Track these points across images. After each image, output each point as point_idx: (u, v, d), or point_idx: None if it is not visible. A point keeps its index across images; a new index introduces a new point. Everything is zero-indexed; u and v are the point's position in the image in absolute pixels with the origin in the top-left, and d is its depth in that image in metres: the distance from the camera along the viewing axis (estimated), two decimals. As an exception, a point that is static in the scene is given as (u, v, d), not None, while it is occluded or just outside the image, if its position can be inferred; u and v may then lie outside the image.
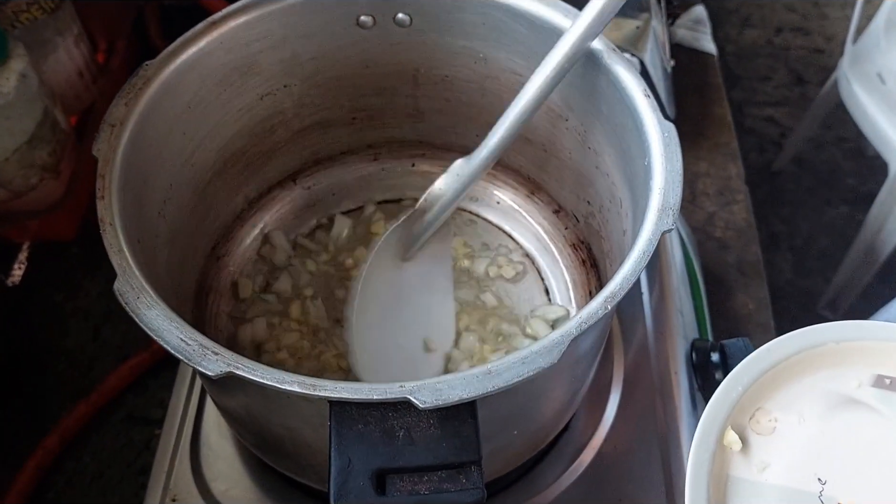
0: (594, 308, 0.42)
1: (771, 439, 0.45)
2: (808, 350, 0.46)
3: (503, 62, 0.61)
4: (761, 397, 0.46)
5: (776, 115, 1.78)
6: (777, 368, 0.45)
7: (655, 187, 0.47)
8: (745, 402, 0.45)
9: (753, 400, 0.45)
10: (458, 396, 0.39)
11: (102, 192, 0.48)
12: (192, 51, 0.55)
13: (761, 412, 0.45)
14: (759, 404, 0.46)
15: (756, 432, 0.45)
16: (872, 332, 0.46)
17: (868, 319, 0.64)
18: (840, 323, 0.46)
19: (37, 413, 0.75)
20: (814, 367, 0.46)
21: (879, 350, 0.46)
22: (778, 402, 0.46)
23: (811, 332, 0.46)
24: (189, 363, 0.41)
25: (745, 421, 0.45)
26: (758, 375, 0.45)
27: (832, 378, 0.46)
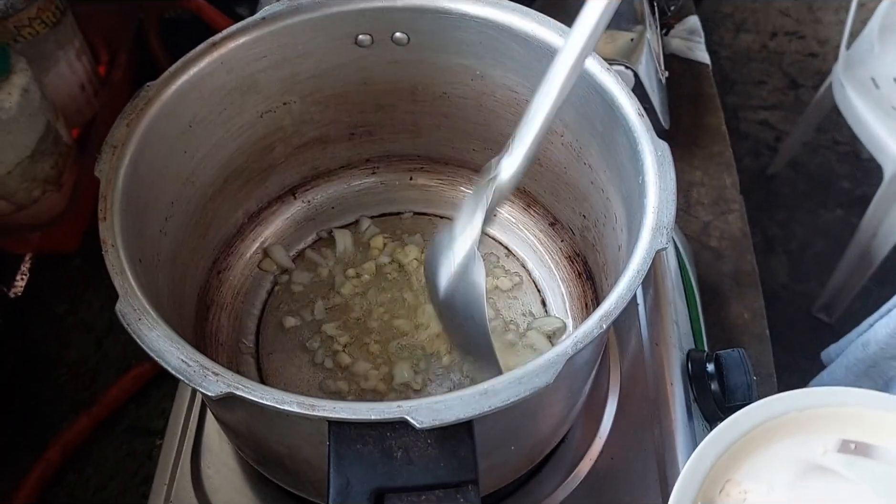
0: (589, 327, 0.43)
1: None
2: (773, 419, 0.46)
3: (499, 79, 0.62)
4: (730, 469, 0.46)
5: (771, 119, 1.79)
6: (744, 439, 0.46)
7: (649, 206, 0.48)
8: (714, 475, 0.45)
9: (722, 472, 0.46)
10: (454, 416, 0.40)
11: (105, 213, 0.48)
12: (193, 71, 0.55)
13: (731, 483, 0.46)
14: (729, 476, 0.46)
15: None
16: (834, 398, 0.47)
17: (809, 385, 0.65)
18: (802, 391, 0.47)
19: (38, 425, 0.75)
20: (780, 436, 0.47)
21: (842, 415, 0.47)
22: (747, 472, 0.46)
23: (775, 401, 0.47)
24: (190, 384, 0.42)
25: (714, 494, 0.46)
26: (726, 448, 0.46)
27: (798, 445, 0.47)
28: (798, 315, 1.52)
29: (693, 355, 0.68)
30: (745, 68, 1.86)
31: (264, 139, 0.64)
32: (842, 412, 0.47)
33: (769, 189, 1.70)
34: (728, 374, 0.63)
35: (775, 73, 1.87)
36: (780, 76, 1.86)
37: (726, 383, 0.63)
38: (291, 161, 0.68)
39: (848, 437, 0.46)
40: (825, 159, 1.74)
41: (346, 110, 0.66)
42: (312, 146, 0.68)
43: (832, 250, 1.59)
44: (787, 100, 1.82)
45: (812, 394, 0.47)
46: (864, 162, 1.72)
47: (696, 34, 1.04)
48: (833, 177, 1.72)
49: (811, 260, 1.60)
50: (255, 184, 0.66)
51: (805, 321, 1.51)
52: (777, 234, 1.63)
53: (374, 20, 0.60)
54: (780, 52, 1.90)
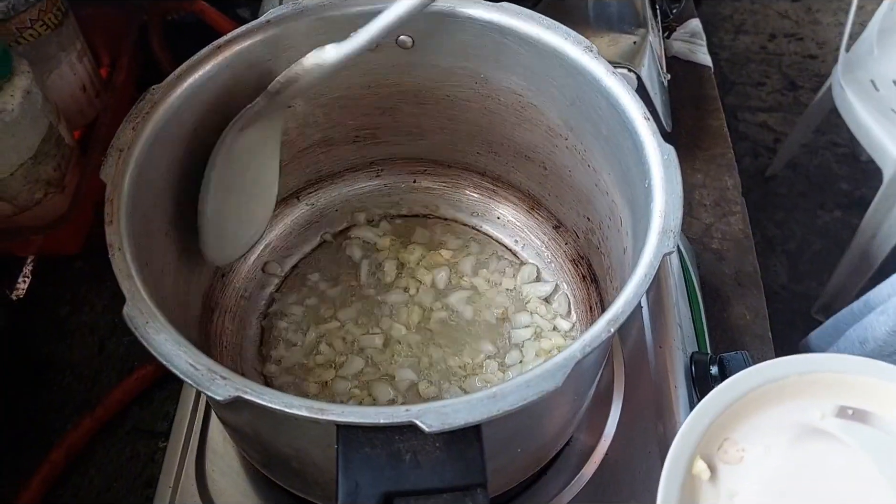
0: (597, 331, 0.43)
1: (739, 468, 0.46)
2: (773, 382, 0.47)
3: (503, 82, 0.62)
4: (728, 428, 0.47)
5: (770, 121, 1.80)
6: (744, 400, 0.47)
7: (656, 210, 0.48)
8: (713, 432, 0.46)
9: (721, 430, 0.47)
10: (463, 420, 0.40)
11: (111, 216, 0.48)
12: (198, 74, 0.55)
13: (729, 442, 0.46)
14: (727, 434, 0.47)
15: (724, 462, 0.46)
16: (834, 364, 0.48)
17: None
18: (803, 356, 0.48)
19: (42, 427, 0.75)
20: (779, 399, 0.47)
21: (841, 382, 0.47)
22: (745, 432, 0.47)
23: (775, 364, 0.48)
24: (198, 387, 0.42)
25: (713, 451, 0.46)
26: (725, 406, 0.46)
27: (797, 409, 0.47)
28: (797, 316, 1.52)
29: (696, 358, 0.68)
30: (744, 70, 1.87)
31: (269, 142, 0.64)
32: (841, 379, 0.47)
33: (768, 190, 1.70)
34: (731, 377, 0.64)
35: (774, 75, 1.87)
36: (779, 78, 1.87)
37: (730, 386, 0.63)
38: (295, 164, 0.68)
39: (846, 404, 0.47)
40: (824, 161, 1.75)
41: (350, 113, 0.66)
42: (316, 149, 0.68)
43: (831, 251, 1.60)
44: (785, 101, 1.83)
45: (812, 359, 0.48)
46: (862, 164, 1.73)
47: (698, 37, 1.05)
48: (832, 178, 1.72)
49: (810, 261, 1.61)
50: (259, 187, 0.66)
51: (804, 322, 1.51)
52: (776, 234, 1.64)
53: (379, 23, 0.60)
54: (778, 54, 1.91)
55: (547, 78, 0.59)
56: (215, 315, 0.64)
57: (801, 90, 1.85)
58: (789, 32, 1.96)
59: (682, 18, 1.06)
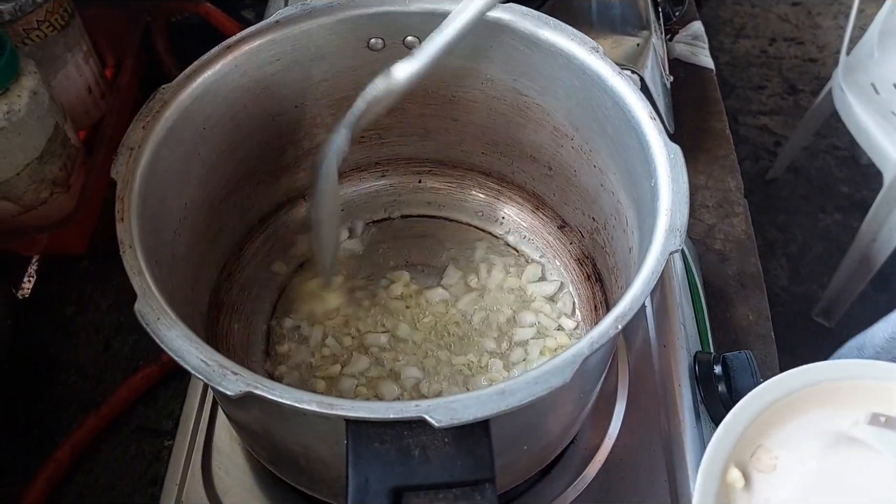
0: (605, 328, 0.44)
1: (772, 476, 0.46)
2: (805, 389, 0.47)
3: (509, 83, 0.63)
4: (761, 435, 0.47)
5: (770, 124, 1.81)
6: (775, 406, 0.47)
7: (662, 208, 0.49)
8: (746, 439, 0.46)
9: (754, 438, 0.47)
10: (472, 415, 0.40)
11: (122, 214, 0.49)
12: (207, 74, 0.56)
13: (762, 450, 0.46)
14: (760, 442, 0.47)
15: (758, 470, 0.46)
16: (866, 370, 0.48)
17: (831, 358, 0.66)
18: (835, 362, 0.48)
19: (47, 426, 0.75)
20: (811, 406, 0.47)
21: (873, 389, 0.47)
22: (778, 439, 0.47)
23: (807, 371, 0.48)
24: (209, 383, 0.42)
25: (746, 458, 0.46)
26: (758, 413, 0.46)
27: (829, 417, 0.47)
28: (798, 318, 1.53)
29: (700, 357, 0.69)
30: (744, 73, 1.88)
31: (276, 142, 0.65)
32: (872, 386, 0.47)
33: (769, 193, 1.71)
34: (735, 376, 0.64)
35: (775, 79, 1.88)
36: (780, 81, 1.88)
37: (733, 385, 0.64)
38: (302, 164, 0.69)
39: (879, 411, 0.47)
40: (824, 164, 1.75)
41: (357, 113, 0.67)
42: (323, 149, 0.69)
43: (831, 254, 1.60)
44: (786, 105, 1.83)
45: (844, 366, 0.48)
46: (863, 167, 1.73)
47: (700, 39, 1.05)
48: (832, 181, 1.73)
49: (811, 263, 1.62)
50: (266, 186, 0.67)
51: (805, 325, 1.52)
52: (777, 237, 1.64)
53: (386, 24, 0.60)
54: (779, 58, 1.91)
55: (553, 78, 0.60)
56: (222, 313, 0.65)
57: (802, 94, 1.86)
58: (789, 36, 1.97)
59: (685, 21, 1.07)
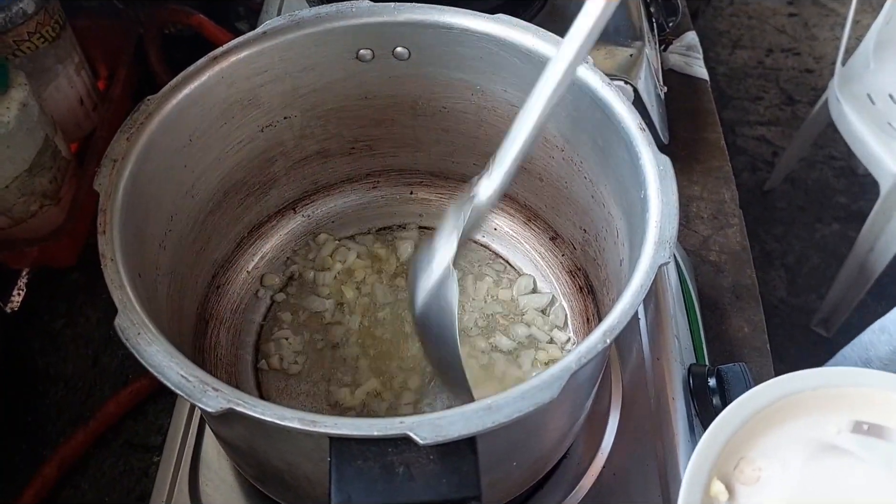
0: (593, 342, 0.43)
1: (756, 488, 0.45)
2: (787, 398, 0.47)
3: (499, 94, 0.62)
4: (744, 446, 0.46)
5: (767, 135, 1.81)
6: (757, 417, 0.46)
7: (651, 220, 0.48)
8: (728, 451, 0.45)
9: (736, 449, 0.46)
10: (457, 432, 0.39)
11: (104, 226, 0.48)
12: (194, 85, 0.55)
13: (745, 461, 0.46)
14: (743, 453, 0.46)
15: (741, 482, 0.45)
16: (848, 378, 0.47)
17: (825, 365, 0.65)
18: (817, 370, 0.47)
19: (35, 440, 0.75)
20: (793, 415, 0.47)
21: (856, 396, 0.47)
22: (760, 450, 0.46)
23: (788, 380, 0.47)
24: (189, 399, 0.42)
25: (729, 471, 0.46)
26: (740, 425, 0.46)
27: (812, 425, 0.47)
28: (796, 329, 1.52)
29: (694, 370, 0.68)
30: (741, 84, 1.88)
31: (265, 153, 0.64)
32: (855, 393, 0.47)
33: (766, 204, 1.70)
34: (730, 389, 0.63)
35: (771, 90, 1.88)
36: (777, 92, 1.88)
37: (728, 398, 0.63)
38: (292, 175, 0.68)
39: (861, 419, 0.46)
40: (822, 174, 1.75)
41: (347, 125, 0.66)
42: (313, 160, 0.68)
43: (829, 264, 1.60)
44: (783, 115, 1.83)
45: (826, 374, 0.47)
46: (860, 177, 1.73)
47: (694, 50, 1.05)
48: (829, 192, 1.73)
49: (808, 274, 1.61)
50: (255, 198, 0.66)
51: (803, 335, 1.51)
52: (774, 248, 1.64)
53: (375, 35, 0.60)
54: (776, 69, 1.91)
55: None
56: (210, 327, 0.64)
57: (799, 104, 1.85)
58: (786, 47, 1.97)
59: (679, 31, 1.06)
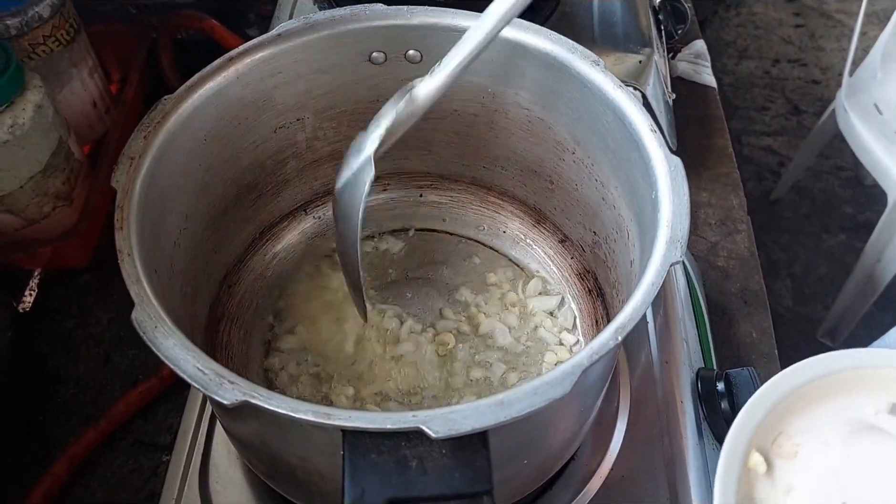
0: (605, 339, 0.43)
1: (794, 463, 0.46)
2: (826, 377, 0.47)
3: (510, 97, 0.63)
4: (782, 422, 0.47)
5: (774, 145, 1.81)
6: (796, 394, 0.47)
7: (663, 220, 0.48)
8: (766, 426, 0.46)
9: (775, 424, 0.47)
10: (470, 426, 0.40)
11: (121, 223, 0.49)
12: (210, 85, 0.56)
13: (783, 437, 0.46)
14: (781, 429, 0.47)
15: (779, 456, 0.46)
16: (885, 359, 0.48)
17: (869, 346, 0.65)
18: (856, 350, 0.48)
19: (46, 440, 0.75)
20: (832, 394, 0.47)
21: (893, 378, 0.47)
22: (799, 427, 0.47)
23: (828, 358, 0.48)
24: (205, 391, 0.42)
25: (768, 444, 0.46)
26: (778, 400, 0.46)
27: (850, 405, 0.48)
28: (802, 339, 1.52)
29: (703, 374, 0.68)
30: (748, 94, 1.88)
31: (277, 154, 0.65)
32: (892, 375, 0.47)
33: (773, 213, 1.71)
34: (738, 393, 0.63)
35: (778, 99, 1.89)
36: (783, 102, 1.88)
37: (736, 403, 0.63)
38: (303, 177, 0.69)
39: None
40: (828, 184, 1.75)
41: (359, 127, 0.66)
42: (324, 162, 0.69)
43: (836, 275, 1.60)
44: (789, 125, 1.84)
45: (865, 354, 0.48)
46: (867, 187, 1.73)
47: (703, 58, 1.06)
48: (836, 202, 1.73)
49: (815, 284, 1.61)
50: (267, 199, 0.67)
51: (809, 345, 1.51)
52: (781, 257, 1.64)
53: (388, 38, 0.61)
54: (782, 79, 1.92)
55: (554, 92, 0.60)
56: (222, 325, 0.64)
57: (805, 114, 1.86)
58: (793, 58, 1.98)
59: (687, 39, 1.07)
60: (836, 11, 2.09)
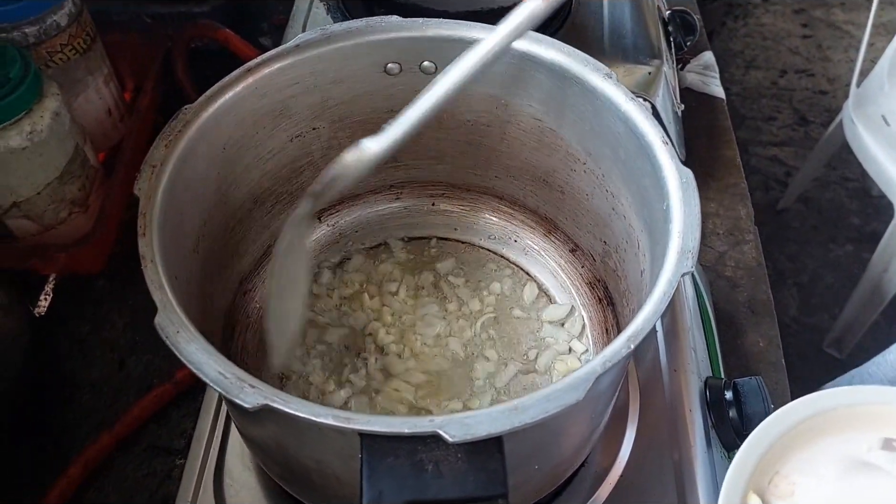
0: (618, 347, 0.44)
1: (791, 502, 0.46)
2: (820, 415, 0.48)
3: (523, 108, 0.64)
4: (778, 462, 0.47)
5: (781, 155, 1.82)
6: (791, 433, 0.47)
7: (674, 231, 0.49)
8: (763, 466, 0.47)
9: (771, 464, 0.47)
10: (486, 431, 0.41)
11: (144, 229, 0.50)
12: (229, 95, 0.57)
13: (779, 476, 0.47)
14: (777, 468, 0.47)
15: (776, 496, 0.46)
16: (879, 396, 0.49)
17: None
18: (849, 388, 0.49)
19: (61, 444, 0.76)
20: (826, 432, 0.48)
21: (885, 414, 0.48)
22: (794, 466, 0.47)
23: (822, 396, 0.48)
24: (227, 395, 0.43)
25: (764, 485, 0.47)
26: (774, 440, 0.47)
27: (844, 442, 0.48)
28: (809, 349, 1.52)
29: (711, 383, 0.69)
30: (755, 104, 1.89)
31: (293, 163, 0.66)
32: (884, 411, 0.48)
33: (780, 223, 1.71)
34: (746, 402, 0.64)
35: (785, 110, 1.89)
36: (790, 113, 1.89)
37: (744, 411, 0.64)
38: (318, 185, 0.70)
39: (891, 436, 0.48)
40: (835, 195, 1.75)
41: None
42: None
43: (843, 285, 1.60)
44: (796, 136, 1.84)
45: (858, 391, 0.49)
46: (874, 198, 1.73)
47: (711, 69, 1.07)
48: (843, 212, 1.73)
49: (821, 294, 1.61)
50: (282, 206, 0.68)
51: (816, 355, 1.51)
52: (787, 267, 1.64)
53: (403, 49, 0.62)
54: (790, 90, 1.93)
55: (566, 103, 0.61)
56: (237, 331, 0.65)
57: (812, 125, 1.86)
58: (800, 68, 1.98)
59: (696, 51, 1.08)
60: (844, 22, 2.09)
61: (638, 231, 0.58)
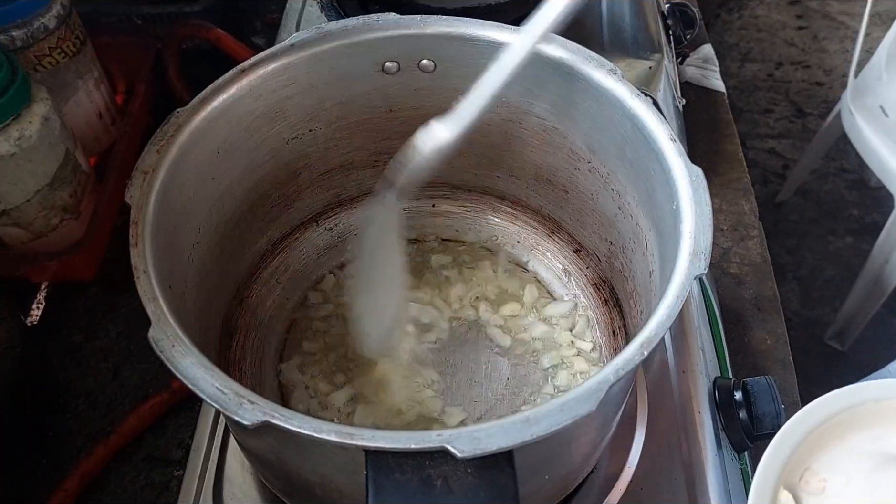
0: (630, 355, 0.43)
1: (822, 498, 0.46)
2: (849, 410, 0.47)
3: (525, 106, 0.62)
4: (808, 458, 0.47)
5: (778, 148, 1.81)
6: (821, 429, 0.47)
7: (685, 232, 0.48)
8: (793, 462, 0.46)
9: (801, 461, 0.47)
10: (496, 445, 0.39)
11: (136, 238, 0.48)
12: (222, 98, 0.56)
13: (809, 472, 0.47)
14: (807, 465, 0.47)
15: (807, 492, 0.46)
16: None
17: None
18: (880, 382, 0.48)
19: (56, 454, 0.74)
20: (855, 427, 0.48)
21: None
22: (824, 462, 0.47)
23: (850, 391, 0.48)
24: (225, 412, 0.41)
25: (795, 481, 0.46)
26: (804, 436, 0.47)
27: (874, 438, 0.48)
28: (810, 342, 1.51)
29: (720, 383, 0.68)
30: (751, 97, 1.88)
31: (289, 165, 0.64)
32: None
33: (778, 216, 1.70)
34: (756, 402, 0.63)
35: (782, 102, 1.88)
36: (787, 105, 1.88)
37: (754, 412, 0.63)
38: (316, 187, 0.68)
39: None
40: (834, 187, 1.75)
41: (371, 137, 0.66)
42: (336, 173, 0.68)
43: (843, 277, 1.59)
44: (794, 128, 1.83)
45: (884, 386, 0.48)
46: (872, 189, 1.73)
47: (711, 62, 1.05)
48: (842, 204, 1.72)
49: (822, 287, 1.60)
50: (279, 210, 0.66)
51: (817, 348, 1.50)
52: (788, 261, 1.64)
53: (402, 47, 0.60)
54: (786, 81, 1.92)
55: (570, 101, 0.59)
56: (234, 338, 0.64)
57: (809, 117, 1.86)
58: (796, 60, 1.97)
59: (695, 44, 1.07)
60: (839, 13, 2.08)
61: (646, 230, 0.57)
